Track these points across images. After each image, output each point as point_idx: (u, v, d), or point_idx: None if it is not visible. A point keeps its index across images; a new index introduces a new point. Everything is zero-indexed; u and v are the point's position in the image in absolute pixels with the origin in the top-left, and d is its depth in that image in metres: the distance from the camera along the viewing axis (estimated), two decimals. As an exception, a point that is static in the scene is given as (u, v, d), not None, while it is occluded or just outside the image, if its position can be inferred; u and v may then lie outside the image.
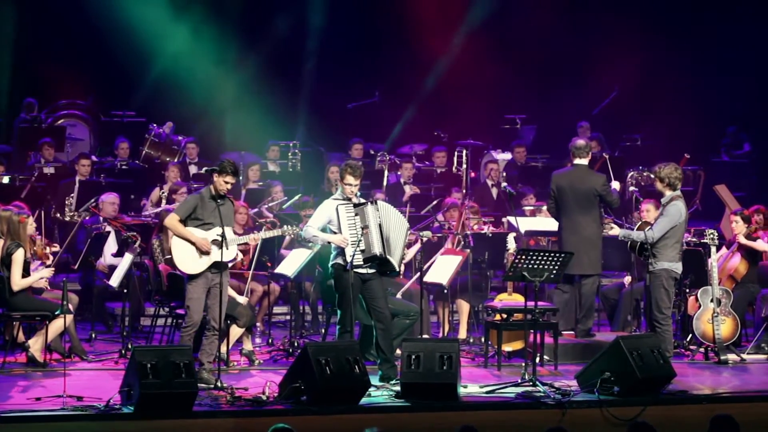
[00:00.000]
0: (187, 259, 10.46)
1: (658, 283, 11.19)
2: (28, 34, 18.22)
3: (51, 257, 11.81)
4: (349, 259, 10.60)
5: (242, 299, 11.75)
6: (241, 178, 16.19)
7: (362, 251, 10.65)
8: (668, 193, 11.32)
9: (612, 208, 12.48)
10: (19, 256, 11.12)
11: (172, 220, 10.53)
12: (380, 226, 10.73)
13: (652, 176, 11.82)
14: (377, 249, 10.68)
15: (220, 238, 10.36)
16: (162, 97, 18.40)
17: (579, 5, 19.22)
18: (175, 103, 18.43)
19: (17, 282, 11.13)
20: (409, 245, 12.51)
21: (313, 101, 19.07)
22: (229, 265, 10.76)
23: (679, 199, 11.35)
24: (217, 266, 10.46)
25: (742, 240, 12.61)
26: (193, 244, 10.41)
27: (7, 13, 18.08)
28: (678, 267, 11.32)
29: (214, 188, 10.49)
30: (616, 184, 12.44)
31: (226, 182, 10.47)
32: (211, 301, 10.49)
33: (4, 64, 18.13)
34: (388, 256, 10.75)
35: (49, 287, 11.71)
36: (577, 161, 12.19)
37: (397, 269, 11.07)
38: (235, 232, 10.88)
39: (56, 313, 10.92)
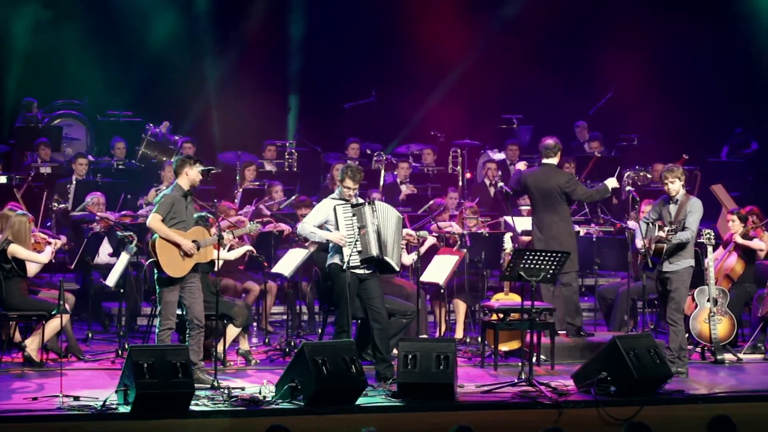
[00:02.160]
0: (174, 262, 10.21)
1: (681, 283, 11.13)
2: (30, 35, 18.23)
3: (47, 242, 11.65)
4: (346, 259, 10.59)
5: (240, 302, 11.74)
6: (237, 177, 16.21)
7: (359, 252, 10.65)
8: (682, 189, 11.28)
9: (586, 203, 12.39)
10: (15, 249, 11.09)
11: (155, 222, 10.16)
12: (377, 227, 10.73)
13: (648, 176, 11.81)
14: (374, 250, 10.68)
15: (200, 239, 10.31)
16: (158, 97, 18.37)
17: (576, 5, 19.20)
18: (171, 103, 18.41)
19: (38, 258, 11.21)
20: (409, 249, 12.50)
21: (310, 101, 19.05)
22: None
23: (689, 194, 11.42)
24: (196, 267, 10.40)
25: (739, 239, 12.61)
26: (177, 246, 10.22)
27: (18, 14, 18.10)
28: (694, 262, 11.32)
29: (186, 184, 10.31)
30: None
31: (200, 172, 10.36)
32: (190, 300, 10.33)
33: (14, 66, 18.12)
34: (385, 258, 10.75)
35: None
36: (544, 160, 12.25)
37: (397, 269, 11.07)
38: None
39: (53, 312, 10.86)
